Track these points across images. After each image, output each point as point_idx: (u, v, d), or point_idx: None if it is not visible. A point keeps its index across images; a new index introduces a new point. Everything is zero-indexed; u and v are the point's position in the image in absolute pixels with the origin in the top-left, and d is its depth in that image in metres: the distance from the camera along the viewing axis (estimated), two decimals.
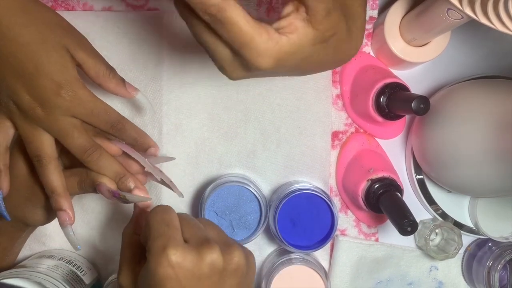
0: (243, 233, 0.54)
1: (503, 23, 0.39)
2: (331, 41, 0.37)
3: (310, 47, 0.36)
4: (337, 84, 0.58)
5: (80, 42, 0.45)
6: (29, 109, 0.43)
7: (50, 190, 0.45)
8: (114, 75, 0.47)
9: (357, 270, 0.59)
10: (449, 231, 0.57)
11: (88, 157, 0.45)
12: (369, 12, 0.56)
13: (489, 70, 0.59)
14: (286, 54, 0.35)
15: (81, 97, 0.43)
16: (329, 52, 0.38)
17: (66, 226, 0.45)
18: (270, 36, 0.34)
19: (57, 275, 0.52)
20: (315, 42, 0.36)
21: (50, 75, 0.42)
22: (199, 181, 0.58)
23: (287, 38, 0.35)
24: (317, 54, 0.37)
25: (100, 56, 0.46)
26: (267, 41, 0.34)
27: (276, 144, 0.58)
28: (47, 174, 0.44)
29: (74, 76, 0.43)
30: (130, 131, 0.47)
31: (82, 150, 0.45)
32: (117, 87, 0.47)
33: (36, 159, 0.44)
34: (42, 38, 0.42)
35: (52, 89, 0.42)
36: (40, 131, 0.44)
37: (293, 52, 0.35)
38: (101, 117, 0.45)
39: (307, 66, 0.38)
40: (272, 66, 0.35)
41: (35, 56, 0.41)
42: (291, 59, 0.36)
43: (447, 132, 0.51)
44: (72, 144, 0.44)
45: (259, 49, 0.34)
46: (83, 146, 0.45)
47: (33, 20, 0.42)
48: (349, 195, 0.57)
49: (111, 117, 0.46)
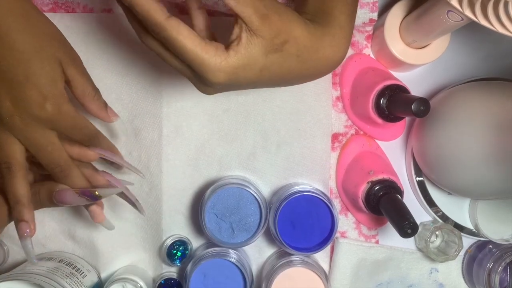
0: (243, 235, 0.54)
1: (503, 25, 0.39)
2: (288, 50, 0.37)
3: (263, 57, 0.37)
4: (337, 86, 0.58)
5: (73, 59, 0.45)
6: (6, 116, 0.42)
7: (15, 200, 0.44)
8: (99, 97, 0.47)
9: (357, 272, 0.59)
10: (450, 233, 0.57)
11: (60, 172, 0.45)
12: (369, 14, 0.56)
13: (489, 72, 0.59)
14: (237, 67, 0.36)
15: (64, 112, 0.43)
16: (292, 62, 0.38)
17: (25, 238, 0.44)
18: (217, 52, 0.36)
19: (57, 277, 0.51)
20: (267, 52, 0.37)
21: (38, 86, 0.41)
22: (199, 183, 0.58)
23: (234, 52, 0.36)
24: (277, 65, 0.38)
25: (89, 76, 0.47)
26: (214, 57, 0.35)
27: (276, 146, 0.58)
28: (14, 183, 0.44)
29: (61, 90, 0.43)
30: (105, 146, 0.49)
31: (55, 165, 0.45)
32: (98, 109, 0.48)
33: (5, 166, 0.44)
34: (38, 48, 0.41)
35: (37, 101, 0.42)
36: (13, 139, 0.43)
37: (245, 64, 0.36)
38: (81, 132, 0.46)
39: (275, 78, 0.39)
40: (225, 80, 0.37)
41: (27, 65, 0.41)
42: (246, 71, 0.37)
43: (447, 134, 0.51)
44: (45, 158, 0.44)
45: (207, 65, 0.36)
46: (56, 161, 0.45)
47: (32, 29, 0.41)
48: (349, 197, 0.57)
49: (90, 131, 0.47)
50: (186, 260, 0.57)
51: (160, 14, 0.35)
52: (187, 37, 0.35)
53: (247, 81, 0.38)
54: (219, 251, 0.55)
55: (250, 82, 0.38)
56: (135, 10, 0.35)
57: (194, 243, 0.59)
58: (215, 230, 0.54)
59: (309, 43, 0.38)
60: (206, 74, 0.36)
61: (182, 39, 0.35)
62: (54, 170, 0.45)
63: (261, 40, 0.36)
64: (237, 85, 0.38)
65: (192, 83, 0.40)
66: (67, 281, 0.52)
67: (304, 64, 0.39)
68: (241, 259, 0.55)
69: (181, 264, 0.58)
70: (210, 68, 0.36)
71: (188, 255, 0.58)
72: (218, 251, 0.55)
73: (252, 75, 0.37)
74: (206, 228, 0.53)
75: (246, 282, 0.54)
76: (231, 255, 0.55)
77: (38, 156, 0.44)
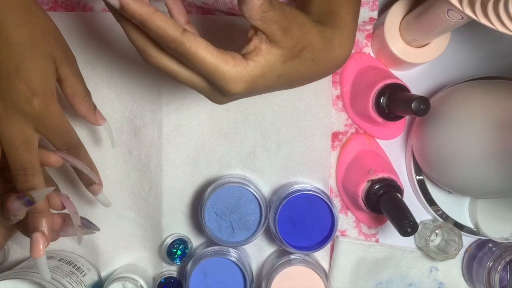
0: (243, 234, 0.54)
1: (503, 24, 0.39)
2: (304, 55, 0.37)
3: (282, 65, 0.37)
4: (337, 85, 0.58)
5: (68, 58, 0.44)
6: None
7: None
8: (89, 99, 0.47)
9: (357, 271, 0.59)
10: (449, 232, 0.57)
11: (21, 176, 0.42)
12: (369, 13, 0.56)
13: (489, 71, 0.59)
14: (256, 77, 0.36)
15: (51, 111, 0.42)
16: (307, 65, 0.38)
17: None
18: (236, 62, 0.35)
19: (57, 276, 0.52)
20: (286, 60, 0.37)
21: (28, 80, 0.41)
22: (199, 182, 0.58)
23: (254, 62, 0.36)
24: (294, 70, 0.38)
25: (81, 77, 0.46)
26: (233, 67, 0.35)
27: (276, 145, 0.58)
28: None
29: (51, 89, 0.42)
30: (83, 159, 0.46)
31: (20, 167, 0.42)
32: (87, 111, 0.47)
33: None
34: (33, 43, 0.41)
35: (25, 95, 0.41)
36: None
37: (264, 73, 0.36)
38: (62, 137, 0.44)
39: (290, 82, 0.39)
40: (245, 90, 0.36)
41: (20, 58, 0.40)
42: (265, 79, 0.37)
43: (447, 132, 0.51)
44: (14, 156, 0.42)
45: (227, 76, 0.35)
46: (24, 163, 0.42)
47: (30, 22, 0.41)
48: (349, 196, 0.57)
49: (72, 141, 0.45)
50: (186, 259, 0.58)
51: (176, 28, 0.33)
52: (205, 50, 0.34)
53: (264, 88, 0.37)
54: (219, 250, 0.55)
55: (266, 89, 0.38)
56: (148, 28, 0.33)
57: (194, 241, 0.59)
58: (215, 228, 0.54)
59: (322, 46, 0.38)
60: (226, 85, 0.35)
61: (202, 52, 0.34)
62: (18, 171, 0.42)
63: (281, 50, 0.36)
64: (254, 93, 0.38)
65: (205, 95, 0.38)
66: (67, 280, 0.52)
67: (316, 66, 0.39)
68: (241, 258, 0.55)
69: (181, 262, 0.58)
70: (230, 79, 0.35)
71: (188, 254, 0.58)
72: (218, 250, 0.55)
73: (269, 82, 0.37)
74: (206, 226, 0.53)
75: (246, 281, 0.54)
76: (231, 254, 0.55)
77: (8, 153, 0.42)
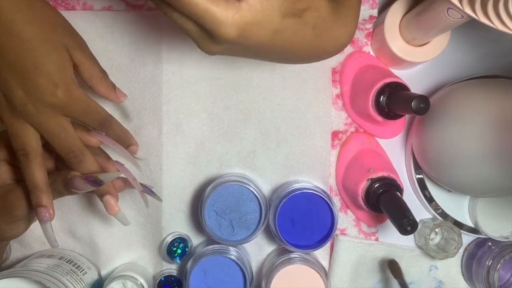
0: (243, 233, 0.54)
1: (503, 22, 0.39)
2: (307, 18, 0.36)
3: (279, 18, 0.34)
4: (337, 84, 0.58)
5: (80, 44, 0.46)
6: (20, 104, 0.43)
7: (33, 186, 0.45)
8: (106, 79, 0.48)
9: (357, 270, 0.59)
10: (449, 230, 0.58)
11: (72, 158, 0.46)
12: (369, 11, 0.56)
13: (489, 69, 0.59)
14: (249, 23, 0.34)
15: (76, 97, 0.44)
16: (307, 32, 0.36)
17: (45, 222, 0.45)
18: (228, 4, 0.33)
19: (57, 274, 0.52)
20: (285, 14, 0.34)
21: (48, 74, 0.42)
22: (199, 181, 0.58)
23: (248, 5, 0.33)
24: (292, 30, 0.36)
25: (95, 59, 0.47)
26: (225, 10, 0.33)
27: (276, 144, 0.58)
28: (32, 169, 0.44)
29: (71, 76, 0.44)
30: (116, 129, 0.49)
31: (68, 151, 0.45)
32: (107, 91, 0.48)
33: (22, 153, 0.44)
34: (44, 36, 0.42)
35: (48, 88, 0.42)
36: (28, 126, 0.44)
37: (258, 22, 0.34)
38: (92, 116, 0.46)
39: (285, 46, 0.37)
40: (236, 36, 0.34)
41: (35, 54, 0.41)
42: (259, 29, 0.34)
43: (447, 131, 0.51)
44: (59, 144, 0.45)
45: (218, 18, 0.33)
46: (70, 147, 0.45)
47: (37, 18, 0.42)
48: (349, 194, 0.57)
49: (101, 116, 0.47)
50: (186, 258, 0.58)
51: None
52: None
53: (257, 41, 0.35)
54: (219, 249, 0.55)
55: (260, 44, 0.36)
56: None
57: (194, 240, 0.59)
58: (215, 227, 0.54)
59: (328, 16, 0.37)
60: (217, 28, 0.33)
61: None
62: (68, 156, 0.45)
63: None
64: (246, 44, 0.35)
65: (198, 43, 0.36)
66: (67, 278, 0.52)
67: (317, 38, 0.37)
68: (241, 256, 0.55)
69: (181, 261, 0.58)
70: (220, 21, 0.33)
71: (188, 253, 0.58)
72: (218, 248, 0.55)
73: (264, 36, 0.35)
74: (206, 225, 0.53)
75: (246, 279, 0.54)
76: (231, 252, 0.55)
77: (53, 142, 0.45)
